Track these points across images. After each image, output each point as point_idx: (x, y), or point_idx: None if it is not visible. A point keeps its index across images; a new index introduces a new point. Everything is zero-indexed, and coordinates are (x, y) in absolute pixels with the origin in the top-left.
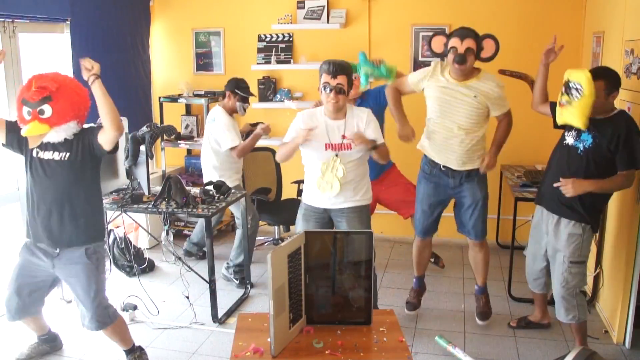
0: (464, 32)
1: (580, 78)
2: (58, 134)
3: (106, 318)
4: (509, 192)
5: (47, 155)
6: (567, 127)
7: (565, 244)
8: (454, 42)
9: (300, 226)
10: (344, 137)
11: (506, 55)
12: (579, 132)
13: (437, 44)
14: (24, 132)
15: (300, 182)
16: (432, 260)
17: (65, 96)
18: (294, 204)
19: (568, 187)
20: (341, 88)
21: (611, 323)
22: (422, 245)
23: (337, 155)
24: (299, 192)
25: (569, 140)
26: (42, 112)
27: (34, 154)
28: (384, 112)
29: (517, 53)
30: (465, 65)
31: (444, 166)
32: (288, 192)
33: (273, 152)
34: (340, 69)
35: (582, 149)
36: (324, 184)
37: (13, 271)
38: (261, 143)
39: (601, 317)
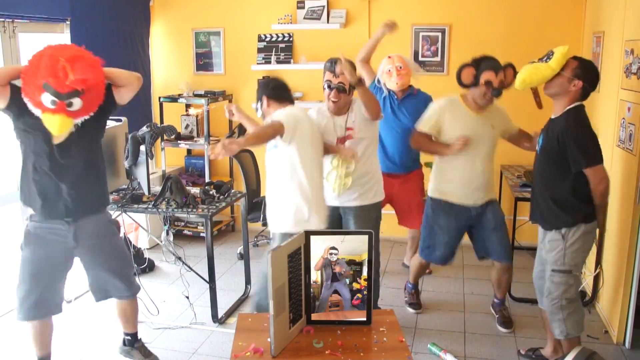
0: (497, 65)
1: (560, 49)
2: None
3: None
4: (509, 192)
5: None
6: None
7: (548, 251)
8: (488, 75)
9: None
10: (347, 129)
11: (506, 56)
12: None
13: (467, 75)
14: (55, 132)
15: None
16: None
17: (97, 89)
18: None
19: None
20: (342, 87)
21: (611, 323)
22: (425, 264)
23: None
24: None
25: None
26: (70, 104)
27: None
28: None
29: (516, 53)
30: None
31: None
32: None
33: (251, 153)
34: None
35: (539, 151)
36: (335, 178)
37: (23, 268)
38: None
39: (601, 317)
